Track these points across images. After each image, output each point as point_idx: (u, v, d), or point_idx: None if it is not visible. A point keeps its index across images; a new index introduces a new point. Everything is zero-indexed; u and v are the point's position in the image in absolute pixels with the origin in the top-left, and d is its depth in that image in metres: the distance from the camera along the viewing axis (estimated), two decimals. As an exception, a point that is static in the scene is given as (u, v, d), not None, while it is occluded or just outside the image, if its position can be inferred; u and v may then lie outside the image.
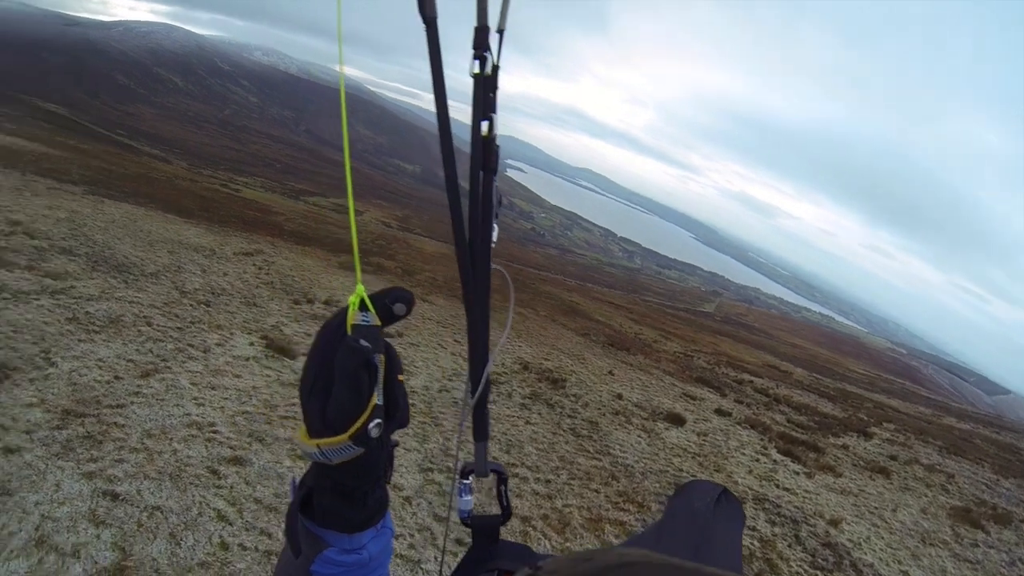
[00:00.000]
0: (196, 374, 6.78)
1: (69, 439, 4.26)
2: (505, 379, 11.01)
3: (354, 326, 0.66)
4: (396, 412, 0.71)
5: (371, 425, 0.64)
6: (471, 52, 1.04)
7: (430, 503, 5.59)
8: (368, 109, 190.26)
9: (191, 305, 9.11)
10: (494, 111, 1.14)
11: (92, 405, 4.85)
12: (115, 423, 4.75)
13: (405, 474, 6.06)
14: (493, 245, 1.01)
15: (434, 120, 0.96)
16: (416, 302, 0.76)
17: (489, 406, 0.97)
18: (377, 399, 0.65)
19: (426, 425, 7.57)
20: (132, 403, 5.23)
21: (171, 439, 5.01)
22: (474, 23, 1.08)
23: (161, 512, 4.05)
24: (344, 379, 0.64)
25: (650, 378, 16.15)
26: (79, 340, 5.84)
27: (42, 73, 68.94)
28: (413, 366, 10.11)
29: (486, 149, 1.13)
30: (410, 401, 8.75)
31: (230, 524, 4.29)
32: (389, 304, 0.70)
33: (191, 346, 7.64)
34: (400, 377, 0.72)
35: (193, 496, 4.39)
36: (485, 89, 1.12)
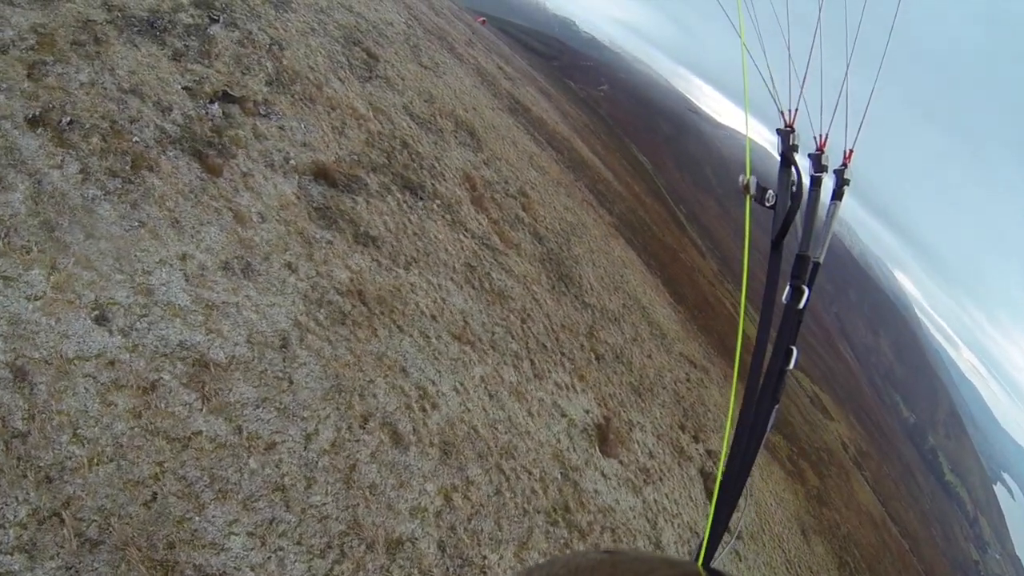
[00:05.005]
0: (496, 378, 7.06)
1: (329, 300, 5.27)
2: None
3: None
4: None
5: None
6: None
7: None
8: (902, 330, 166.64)
9: (580, 347, 9.56)
10: (794, 342, 1.31)
11: (388, 308, 5.83)
12: (373, 330, 5.57)
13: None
14: None
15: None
16: None
17: None
18: None
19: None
20: (411, 338, 6.00)
21: (395, 373, 5.49)
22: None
23: (318, 364, 4.51)
24: None
25: None
26: (451, 278, 7.07)
27: (649, 131, 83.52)
28: (656, 510, 7.76)
29: (778, 381, 1.30)
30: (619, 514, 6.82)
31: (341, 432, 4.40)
32: None
33: (532, 363, 8.05)
34: None
35: (329, 410, 4.71)
36: (795, 321, 1.28)
